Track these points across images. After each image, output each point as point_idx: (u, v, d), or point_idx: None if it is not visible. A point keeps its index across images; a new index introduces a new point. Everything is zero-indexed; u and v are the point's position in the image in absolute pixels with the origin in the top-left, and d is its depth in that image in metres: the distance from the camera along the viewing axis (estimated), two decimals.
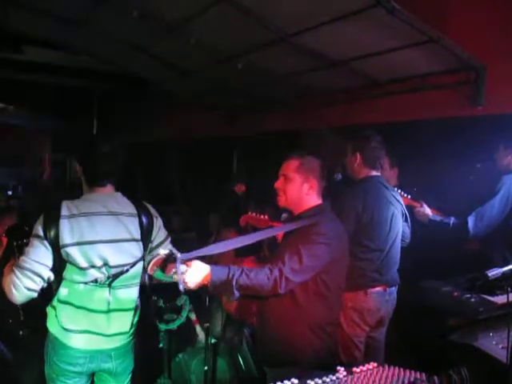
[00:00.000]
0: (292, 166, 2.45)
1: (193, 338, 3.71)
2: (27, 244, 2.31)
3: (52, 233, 2.25)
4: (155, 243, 2.51)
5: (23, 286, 2.22)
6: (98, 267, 2.32)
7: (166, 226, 2.61)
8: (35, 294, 2.29)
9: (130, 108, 9.10)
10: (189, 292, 3.44)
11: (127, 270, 2.40)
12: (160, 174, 9.57)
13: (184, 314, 3.41)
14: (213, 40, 4.27)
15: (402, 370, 1.81)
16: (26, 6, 4.80)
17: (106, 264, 2.33)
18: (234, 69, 4.54)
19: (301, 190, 2.43)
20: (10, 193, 9.04)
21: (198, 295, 3.41)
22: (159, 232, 2.52)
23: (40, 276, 2.26)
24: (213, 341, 3.51)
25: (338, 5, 3.23)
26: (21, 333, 3.02)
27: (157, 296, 3.30)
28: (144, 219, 2.45)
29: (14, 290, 2.22)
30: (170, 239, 2.57)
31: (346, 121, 4.86)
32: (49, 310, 2.42)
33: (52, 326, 2.38)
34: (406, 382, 1.72)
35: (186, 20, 3.94)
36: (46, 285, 2.31)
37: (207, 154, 8.09)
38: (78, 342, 2.34)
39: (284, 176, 2.46)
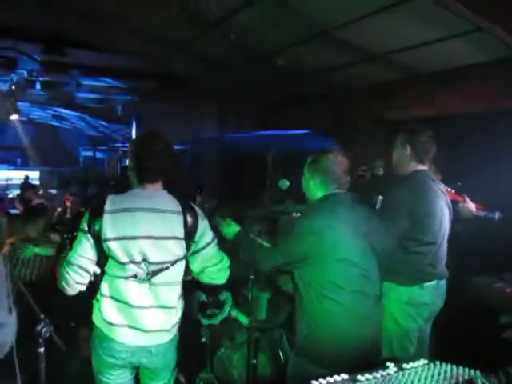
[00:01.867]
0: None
1: (235, 332, 3.72)
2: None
3: (96, 227, 2.28)
4: (201, 244, 2.47)
5: (72, 280, 2.29)
6: (138, 263, 2.32)
7: None
8: (84, 287, 2.35)
9: (169, 107, 9.20)
10: (231, 287, 3.50)
11: (167, 268, 2.38)
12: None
13: (226, 309, 3.44)
14: (252, 36, 4.27)
15: (454, 366, 1.76)
16: (69, 9, 4.94)
17: (145, 260, 2.32)
18: (273, 65, 4.53)
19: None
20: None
21: (241, 290, 3.43)
22: (205, 233, 2.48)
23: (86, 270, 2.31)
24: (254, 336, 3.51)
25: None
26: (72, 324, 3.11)
27: (200, 291, 3.34)
28: (189, 218, 2.42)
29: (64, 284, 2.30)
30: (216, 241, 2.54)
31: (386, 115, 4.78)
32: (94, 303, 2.45)
33: (96, 319, 2.42)
34: (461, 379, 1.66)
35: (225, 17, 3.95)
36: (92, 278, 2.37)
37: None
38: (119, 335, 2.36)
39: None
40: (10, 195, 10.95)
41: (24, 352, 1.94)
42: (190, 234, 2.42)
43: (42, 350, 2.31)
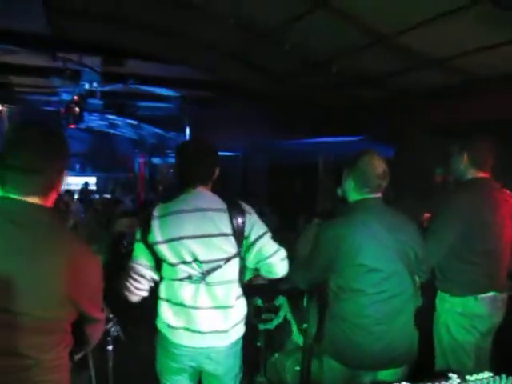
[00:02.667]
0: None
1: (289, 338, 3.74)
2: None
3: (146, 234, 2.37)
4: (252, 238, 2.46)
5: (133, 288, 2.40)
6: (189, 262, 2.36)
7: None
8: (145, 293, 2.45)
9: (223, 114, 9.35)
10: (287, 293, 3.52)
11: (220, 266, 2.40)
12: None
13: (282, 315, 3.46)
14: (308, 45, 4.30)
15: None
16: (128, 21, 5.13)
17: (196, 259, 2.36)
18: (328, 72, 4.54)
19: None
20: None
21: (296, 296, 3.45)
22: (254, 227, 2.46)
23: (143, 276, 2.41)
24: (308, 342, 3.52)
25: (439, 3, 3.14)
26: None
27: (256, 296, 3.38)
28: (234, 214, 2.43)
29: (126, 292, 2.41)
30: (269, 234, 2.51)
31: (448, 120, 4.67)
32: (156, 306, 2.53)
33: (158, 323, 2.48)
34: None
35: (281, 26, 4.00)
36: (152, 284, 2.46)
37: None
38: (178, 338, 2.40)
39: None
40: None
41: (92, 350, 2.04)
42: (238, 230, 2.42)
43: (110, 348, 2.43)
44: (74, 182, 13.59)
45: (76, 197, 11.37)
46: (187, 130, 8.86)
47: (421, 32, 3.49)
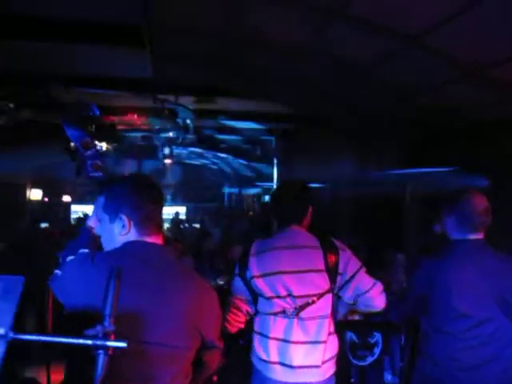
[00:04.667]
0: None
1: (383, 375, 3.70)
2: None
3: (244, 269, 2.54)
4: (348, 274, 2.52)
5: (231, 320, 2.56)
6: (283, 297, 2.46)
7: None
8: (242, 325, 2.59)
9: (308, 146, 9.49)
10: (382, 329, 3.50)
11: (313, 302, 2.46)
12: None
13: (377, 352, 3.44)
14: (396, 79, 4.34)
15: None
16: (224, 63, 5.46)
17: (290, 294, 2.45)
18: (417, 104, 4.53)
19: None
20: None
21: (392, 334, 3.42)
22: (349, 263, 2.53)
23: (240, 310, 2.58)
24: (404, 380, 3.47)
25: None
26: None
27: (350, 332, 3.40)
28: (328, 251, 2.52)
29: (225, 323, 2.54)
30: (364, 269, 2.56)
31: None
32: (250, 340, 2.63)
33: (252, 356, 2.58)
34: None
35: (374, 63, 4.08)
36: (248, 317, 2.60)
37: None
38: (271, 372, 2.46)
39: None
40: None
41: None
42: (331, 267, 2.50)
43: (215, 378, 2.57)
44: (165, 211, 14.21)
45: (167, 225, 11.96)
46: (275, 162, 9.10)
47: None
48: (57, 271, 1.77)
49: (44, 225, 12.90)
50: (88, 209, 14.67)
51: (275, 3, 3.47)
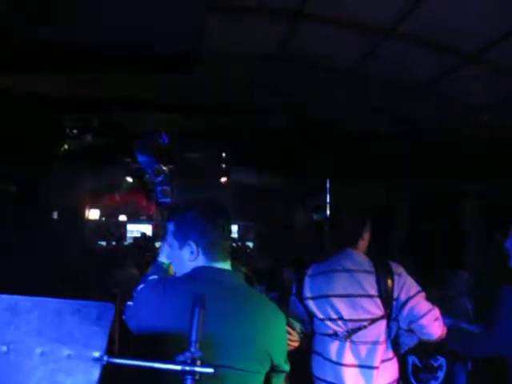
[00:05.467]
0: None
1: None
2: None
3: (299, 290, 2.60)
4: (403, 299, 2.47)
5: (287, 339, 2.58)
6: (334, 320, 2.48)
7: None
8: (297, 344, 2.60)
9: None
10: (446, 352, 3.39)
11: (365, 327, 2.45)
12: None
13: (440, 376, 3.34)
14: (457, 96, 4.28)
15: None
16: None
17: (341, 317, 2.47)
18: (480, 122, 4.45)
19: None
20: None
21: (456, 357, 3.31)
22: (404, 287, 2.48)
23: (294, 329, 2.58)
24: None
25: None
26: None
27: (412, 354, 3.31)
28: (382, 276, 2.49)
29: None
30: (422, 294, 2.49)
31: None
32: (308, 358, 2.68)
33: (310, 375, 2.61)
34: None
35: (432, 81, 4.05)
36: (302, 336, 2.61)
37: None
38: None
39: None
40: None
41: None
42: (385, 292, 2.47)
43: None
44: None
45: None
46: (327, 182, 9.09)
47: None
48: (129, 303, 1.84)
49: (102, 243, 13.42)
50: (143, 227, 15.14)
51: (328, 25, 3.52)
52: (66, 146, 6.36)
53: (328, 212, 8.40)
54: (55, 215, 9.05)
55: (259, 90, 5.81)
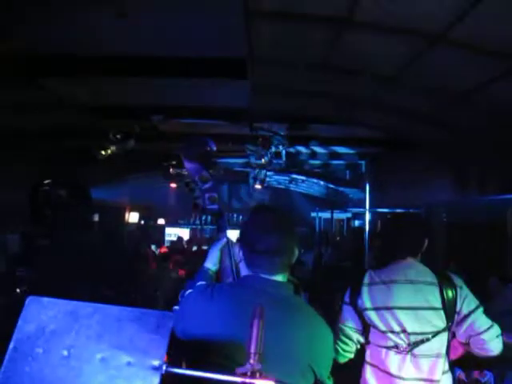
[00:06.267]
0: None
1: None
2: None
3: (355, 299, 2.51)
4: (464, 312, 2.44)
5: (339, 349, 2.54)
6: (397, 332, 2.42)
7: None
8: (351, 355, 2.57)
9: (399, 170, 9.26)
10: (493, 368, 3.29)
11: (428, 339, 2.40)
12: None
13: None
14: (502, 106, 4.16)
15: None
16: (317, 94, 5.53)
17: (403, 330, 2.40)
18: None
19: None
20: None
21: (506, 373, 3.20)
22: (466, 301, 2.45)
23: (351, 339, 2.54)
24: None
25: None
26: None
27: (458, 368, 3.22)
28: (445, 288, 2.44)
29: (334, 353, 2.54)
30: (481, 308, 2.48)
31: None
32: (362, 369, 2.62)
33: None
34: None
35: (475, 89, 3.96)
36: (358, 346, 2.56)
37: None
38: None
39: None
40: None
41: None
42: (448, 304, 2.42)
43: None
44: None
45: None
46: (367, 187, 8.97)
47: None
48: (175, 307, 1.86)
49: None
50: (180, 231, 15.30)
51: (377, 31, 3.48)
52: (109, 151, 6.50)
53: (368, 219, 8.27)
54: (96, 217, 9.27)
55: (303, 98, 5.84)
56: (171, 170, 7.34)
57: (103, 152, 6.45)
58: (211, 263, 2.03)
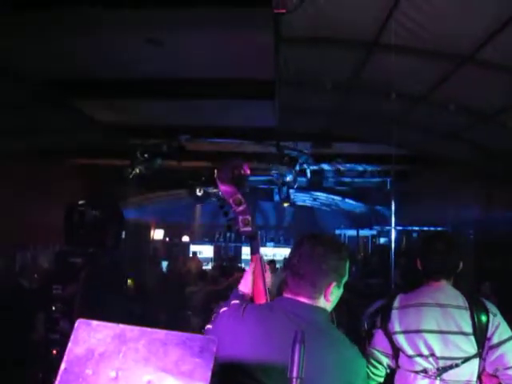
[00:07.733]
0: None
1: None
2: None
3: (386, 322, 2.48)
4: (494, 341, 2.35)
5: (370, 373, 2.51)
6: (425, 356, 2.36)
7: None
8: (381, 380, 2.53)
9: (425, 187, 9.18)
10: None
11: (457, 365, 2.33)
12: None
13: None
14: None
15: None
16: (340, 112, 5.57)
17: (432, 354, 2.35)
18: None
19: None
20: None
21: None
22: (498, 329, 2.35)
23: (381, 363, 2.50)
24: None
25: None
26: None
27: None
28: (477, 313, 2.37)
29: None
30: None
31: None
32: None
33: None
34: None
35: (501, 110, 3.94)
36: (388, 370, 2.52)
37: None
38: None
39: None
40: None
41: None
42: (480, 330, 2.35)
43: None
44: (278, 252, 14.54)
45: (278, 266, 12.07)
46: (392, 205, 8.89)
47: None
48: (208, 326, 1.87)
49: (165, 263, 13.77)
50: (204, 248, 15.37)
51: (401, 52, 3.51)
52: (137, 170, 6.62)
53: (393, 237, 8.17)
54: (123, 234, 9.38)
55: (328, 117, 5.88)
56: (197, 189, 7.41)
57: (132, 171, 6.57)
58: (245, 287, 2.05)
